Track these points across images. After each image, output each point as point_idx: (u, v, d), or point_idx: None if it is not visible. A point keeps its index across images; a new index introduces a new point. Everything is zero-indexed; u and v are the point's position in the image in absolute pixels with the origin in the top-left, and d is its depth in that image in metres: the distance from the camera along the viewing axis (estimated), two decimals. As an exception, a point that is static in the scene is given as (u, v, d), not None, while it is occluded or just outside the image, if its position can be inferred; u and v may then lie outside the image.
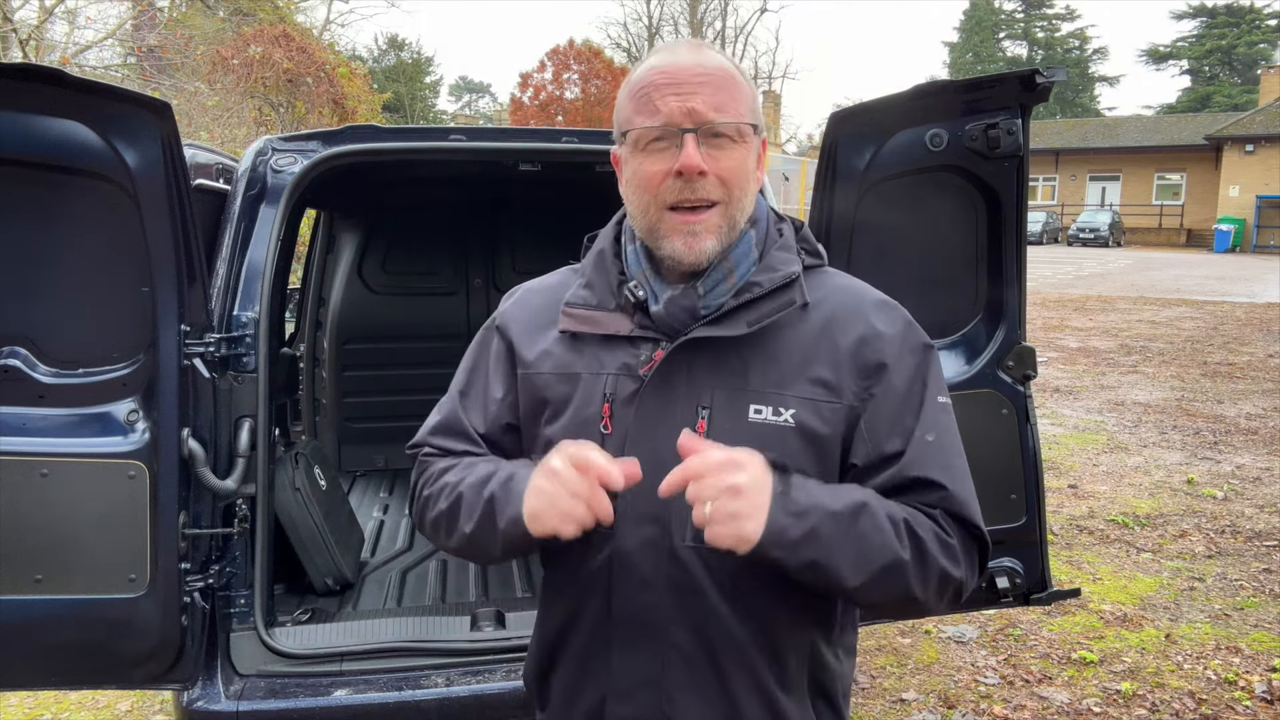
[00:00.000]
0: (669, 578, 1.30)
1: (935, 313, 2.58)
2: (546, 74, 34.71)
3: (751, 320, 1.31)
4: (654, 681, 1.33)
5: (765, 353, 1.32)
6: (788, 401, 1.30)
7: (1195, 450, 7.54)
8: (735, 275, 1.33)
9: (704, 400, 1.31)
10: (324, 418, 4.94)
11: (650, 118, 1.28)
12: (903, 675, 3.97)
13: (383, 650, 2.54)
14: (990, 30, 62.28)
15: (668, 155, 1.28)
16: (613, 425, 1.33)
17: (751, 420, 1.30)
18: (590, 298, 1.39)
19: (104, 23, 18.41)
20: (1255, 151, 36.16)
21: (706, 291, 1.32)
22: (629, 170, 1.34)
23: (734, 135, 1.29)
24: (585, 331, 1.37)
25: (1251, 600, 4.74)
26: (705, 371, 1.31)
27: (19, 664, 2.24)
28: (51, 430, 2.20)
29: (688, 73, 1.28)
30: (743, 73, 1.35)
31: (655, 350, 1.33)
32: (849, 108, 2.40)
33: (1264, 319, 15.39)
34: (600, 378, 1.35)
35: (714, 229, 1.29)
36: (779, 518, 1.18)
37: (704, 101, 1.27)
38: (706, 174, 1.27)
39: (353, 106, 14.39)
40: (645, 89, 1.30)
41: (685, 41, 1.38)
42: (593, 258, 1.44)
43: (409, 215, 4.84)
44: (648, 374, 1.32)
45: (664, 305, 1.33)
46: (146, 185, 2.10)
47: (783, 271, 1.34)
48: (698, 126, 1.26)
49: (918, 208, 2.49)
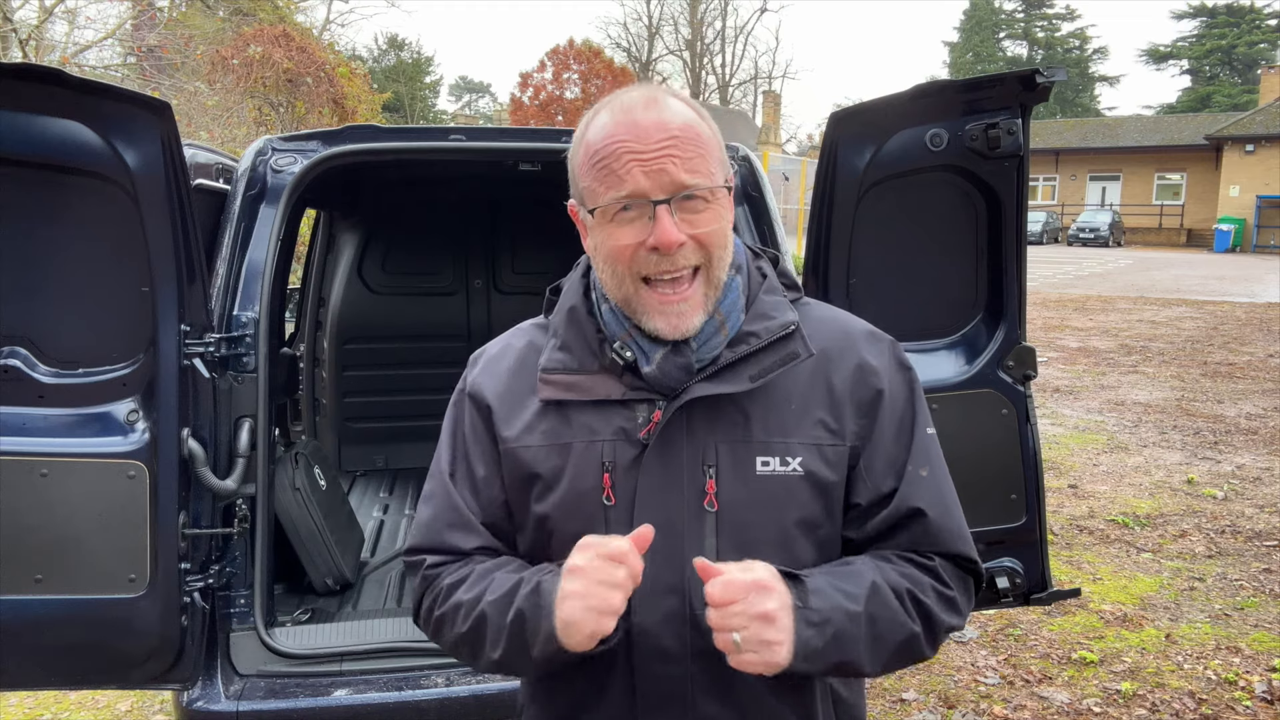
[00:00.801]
0: (694, 647, 1.24)
1: (935, 313, 2.58)
2: (546, 74, 34.70)
3: (754, 375, 1.25)
4: None
5: (764, 400, 1.27)
6: (793, 449, 1.25)
7: (1195, 450, 7.54)
8: (728, 326, 1.27)
9: (708, 459, 1.25)
10: (324, 418, 4.94)
11: (615, 188, 1.19)
12: (903, 675, 3.97)
13: (383, 650, 2.54)
14: (990, 30, 62.28)
15: (638, 226, 1.19)
16: (615, 495, 1.25)
17: (760, 474, 1.25)
18: (570, 361, 1.29)
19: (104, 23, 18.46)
20: (1255, 151, 36.17)
21: (699, 345, 1.25)
22: (595, 239, 1.24)
23: (708, 196, 1.20)
24: (571, 399, 1.28)
25: (1251, 600, 4.74)
26: (705, 427, 1.25)
27: (19, 664, 2.24)
28: (51, 430, 2.20)
29: (651, 138, 1.18)
30: (704, 116, 1.25)
31: (653, 411, 1.25)
32: (849, 108, 2.40)
33: (1264, 319, 15.39)
34: (595, 446, 1.26)
35: (698, 304, 1.22)
36: (803, 633, 1.14)
37: (673, 167, 1.17)
38: (685, 243, 1.19)
39: (353, 106, 14.38)
40: (605, 159, 1.20)
41: (641, 94, 1.24)
42: (564, 316, 1.33)
43: (409, 215, 4.84)
44: (648, 437, 1.24)
45: (657, 365, 1.24)
46: (146, 185, 2.10)
47: (779, 320, 1.29)
48: (670, 196, 1.18)
49: (918, 208, 2.49)
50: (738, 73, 51.08)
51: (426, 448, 5.01)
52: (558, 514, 1.27)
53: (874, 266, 2.46)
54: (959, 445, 2.59)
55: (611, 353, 1.27)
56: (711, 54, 48.76)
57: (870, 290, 2.48)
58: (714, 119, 1.29)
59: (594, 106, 1.28)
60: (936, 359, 2.57)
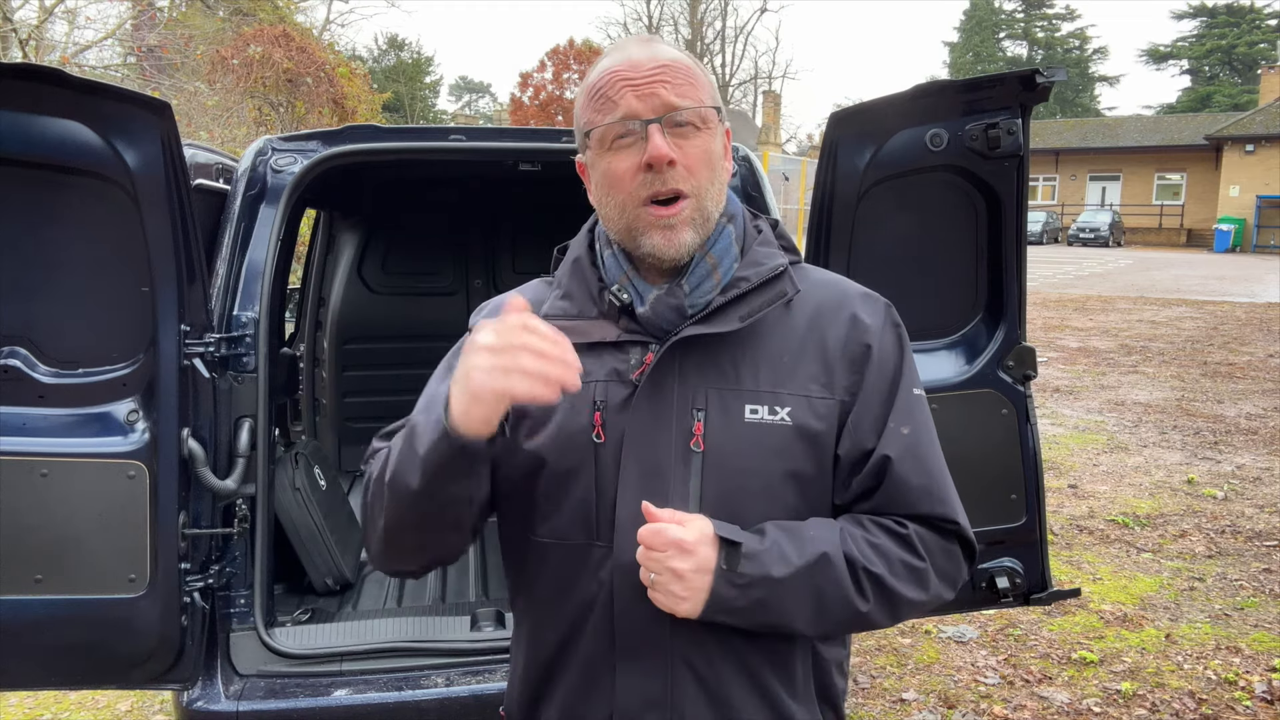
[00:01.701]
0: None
1: (935, 313, 2.58)
2: (546, 74, 34.72)
3: (743, 315, 1.28)
4: (662, 699, 1.28)
5: (756, 351, 1.30)
6: (783, 400, 1.28)
7: (1195, 450, 7.54)
8: (719, 271, 1.30)
9: (698, 402, 1.27)
10: (324, 418, 4.94)
11: (610, 113, 1.25)
12: (903, 675, 3.97)
13: (383, 650, 2.54)
14: (990, 30, 62.29)
15: (635, 150, 1.24)
16: (605, 434, 1.27)
17: (748, 420, 1.27)
18: (570, 308, 1.34)
19: (104, 23, 18.46)
20: (1255, 151, 36.17)
21: (692, 289, 1.29)
22: (597, 173, 1.30)
23: (698, 122, 1.26)
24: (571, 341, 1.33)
25: (1251, 600, 4.74)
26: (696, 373, 1.28)
27: (19, 664, 2.24)
28: (51, 430, 2.20)
29: (643, 67, 1.25)
30: (698, 63, 1.31)
31: (645, 354, 1.29)
32: (849, 108, 2.40)
33: (1264, 319, 15.39)
34: (588, 386, 1.27)
35: (688, 221, 1.26)
36: (722, 590, 1.20)
37: (664, 90, 1.24)
38: (675, 163, 1.23)
39: (353, 106, 14.38)
40: (601, 89, 1.27)
41: (635, 38, 1.34)
42: (568, 267, 1.39)
43: (409, 215, 4.84)
44: (640, 378, 1.27)
45: (650, 306, 1.29)
46: (146, 185, 2.10)
47: (769, 265, 1.33)
48: (660, 115, 1.23)
49: (918, 208, 2.49)
50: (738, 73, 51.08)
51: (426, 448, 4.87)
52: (549, 450, 1.28)
53: (874, 267, 2.46)
54: (959, 445, 2.59)
55: (610, 296, 1.31)
56: (711, 54, 48.76)
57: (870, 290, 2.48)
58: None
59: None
60: (936, 359, 2.57)
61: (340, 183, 3.58)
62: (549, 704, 1.36)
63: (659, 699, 1.28)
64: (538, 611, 1.37)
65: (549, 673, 1.36)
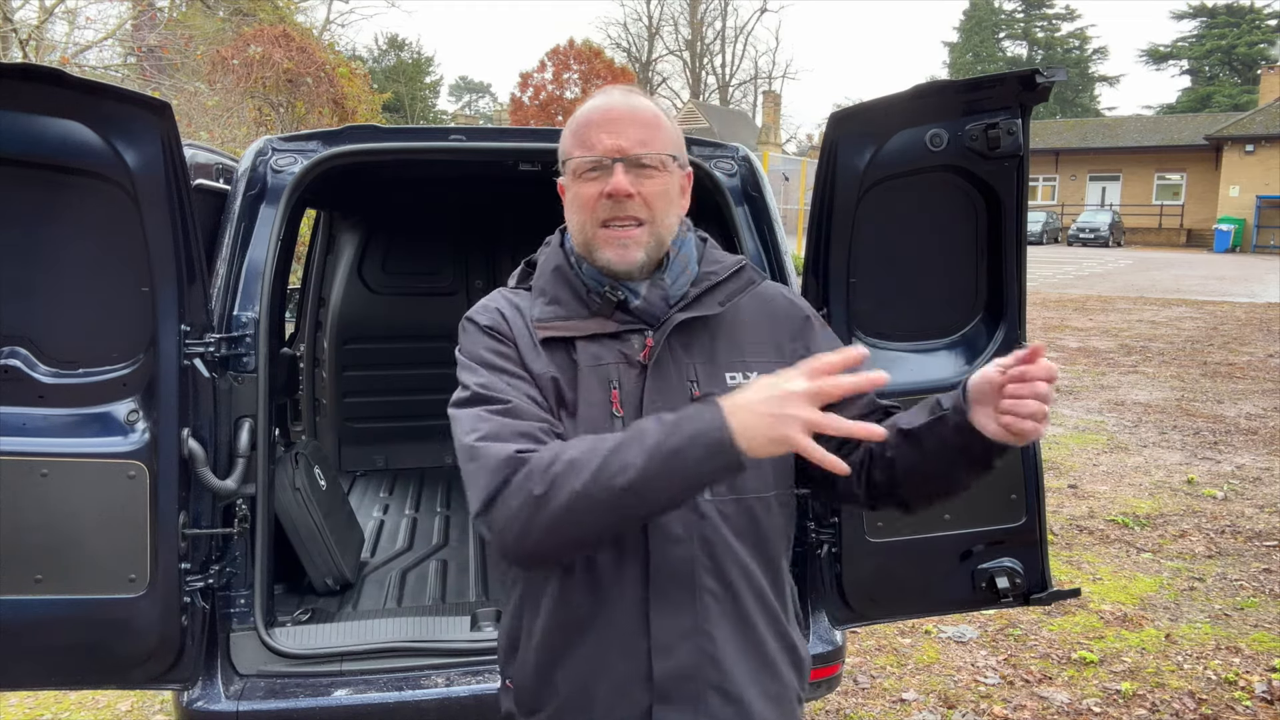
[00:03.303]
0: (697, 531, 1.48)
1: (935, 313, 2.58)
2: (546, 74, 34.72)
3: (721, 300, 1.57)
4: (695, 629, 1.47)
5: (726, 331, 1.58)
6: (751, 366, 1.56)
7: (1195, 450, 7.54)
8: (690, 268, 1.59)
9: (690, 375, 1.53)
10: (324, 418, 4.94)
11: (587, 151, 1.51)
12: (903, 675, 3.97)
13: (383, 650, 2.54)
14: (990, 30, 62.28)
15: (600, 181, 1.50)
16: (623, 408, 1.49)
17: (729, 385, 1.52)
18: (561, 311, 1.55)
19: (104, 23, 18.43)
20: (1255, 151, 36.17)
21: (673, 282, 1.56)
22: (570, 195, 1.55)
23: (657, 165, 1.51)
24: (570, 335, 1.53)
25: (1251, 600, 4.74)
26: (684, 351, 1.54)
27: (19, 664, 2.24)
28: (51, 430, 2.20)
29: (618, 113, 1.52)
30: (668, 115, 1.59)
31: (645, 339, 1.53)
32: (849, 108, 2.40)
33: (1264, 319, 15.39)
34: (602, 368, 1.51)
35: (641, 243, 1.51)
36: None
37: (630, 138, 1.50)
38: (633, 196, 1.49)
39: (353, 106, 14.37)
40: (584, 126, 1.53)
41: (620, 88, 1.61)
42: (550, 275, 1.59)
43: (409, 215, 4.84)
44: (648, 359, 1.51)
45: (644, 298, 1.54)
46: (146, 185, 2.10)
47: (728, 261, 1.63)
48: (624, 157, 1.49)
49: (918, 208, 2.48)
50: (738, 73, 51.11)
51: (426, 448, 5.00)
52: (579, 426, 1.47)
53: (874, 266, 2.46)
54: (959, 445, 2.60)
55: (603, 295, 1.54)
56: (711, 54, 48.78)
57: (870, 290, 2.48)
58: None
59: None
60: (936, 359, 2.57)
61: (340, 183, 3.58)
62: (573, 660, 1.50)
63: (691, 628, 1.47)
64: (563, 577, 1.50)
65: (576, 631, 1.49)
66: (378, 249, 4.86)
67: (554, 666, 1.51)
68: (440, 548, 3.84)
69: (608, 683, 1.47)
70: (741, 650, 1.51)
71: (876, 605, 2.62)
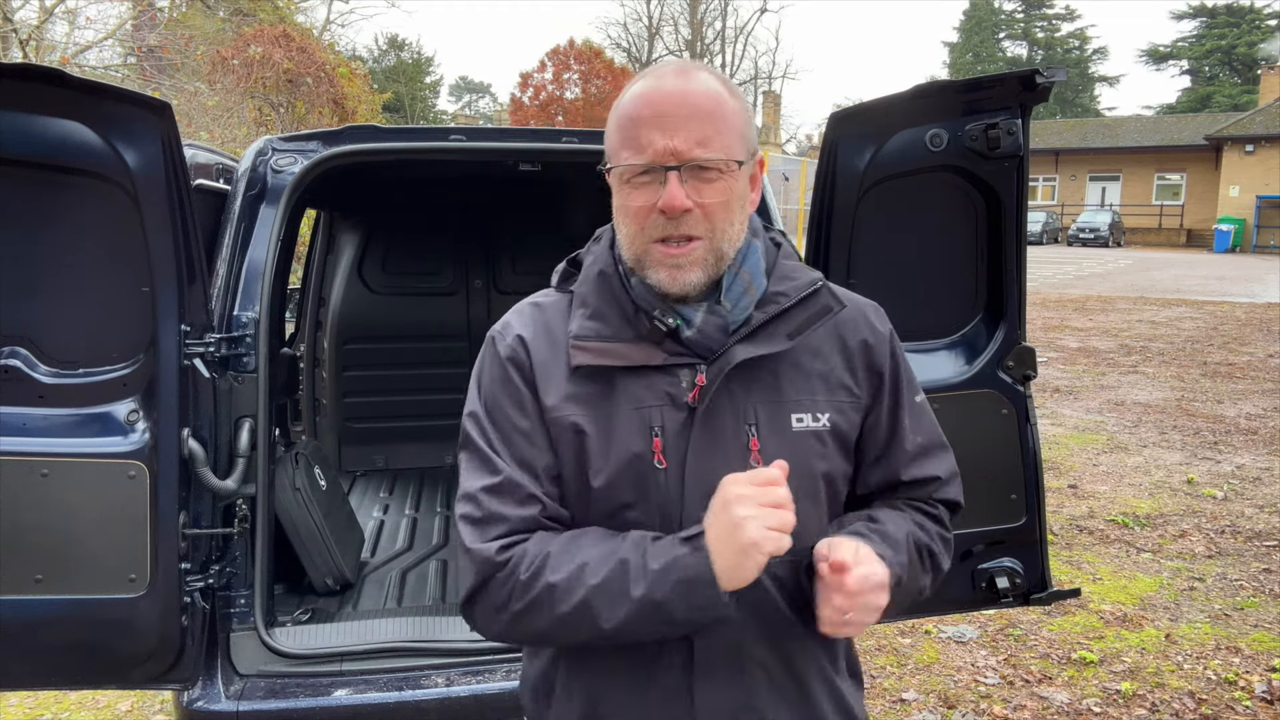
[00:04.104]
0: (746, 598, 1.27)
1: (935, 313, 2.58)
2: (546, 74, 34.72)
3: (790, 333, 1.33)
4: (744, 704, 1.33)
5: (793, 362, 1.35)
6: (821, 406, 1.35)
7: (1195, 450, 7.54)
8: (755, 287, 1.34)
9: (748, 417, 1.32)
10: (324, 418, 4.94)
11: (635, 154, 1.26)
12: (903, 675, 3.97)
13: (383, 650, 2.54)
14: (990, 30, 62.27)
15: (652, 189, 1.26)
16: (666, 459, 1.29)
17: (796, 430, 1.33)
18: (604, 329, 1.32)
19: (104, 23, 18.42)
20: (1255, 151, 36.17)
21: (733, 305, 1.32)
22: (617, 200, 1.31)
23: (720, 168, 1.26)
24: (610, 364, 1.31)
25: (1251, 600, 4.74)
26: (742, 389, 1.32)
27: (19, 664, 2.24)
28: (51, 430, 2.20)
29: (673, 104, 1.25)
30: (734, 91, 1.31)
31: (695, 375, 1.30)
32: (849, 108, 2.40)
33: (1264, 319, 15.39)
34: (643, 411, 1.30)
35: (699, 261, 1.27)
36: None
37: (687, 138, 1.24)
38: (691, 210, 1.25)
39: (353, 106, 14.37)
40: (632, 120, 1.27)
41: (673, 65, 1.33)
42: (594, 283, 1.36)
43: (409, 215, 4.84)
44: (697, 401, 1.29)
45: (698, 328, 1.30)
46: (146, 185, 2.10)
47: (803, 279, 1.37)
48: (681, 164, 1.24)
49: (918, 208, 2.48)
50: (738, 73, 51.07)
51: (426, 448, 5.00)
52: (609, 481, 1.30)
53: (874, 266, 2.46)
54: (959, 445, 2.58)
55: (654, 320, 1.30)
56: (711, 54, 48.76)
57: (870, 290, 2.46)
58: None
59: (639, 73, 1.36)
60: (936, 359, 2.57)
61: (340, 183, 3.58)
62: None
63: (739, 704, 1.33)
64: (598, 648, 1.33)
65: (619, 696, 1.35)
66: (378, 249, 4.86)
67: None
68: (440, 548, 3.84)
69: None
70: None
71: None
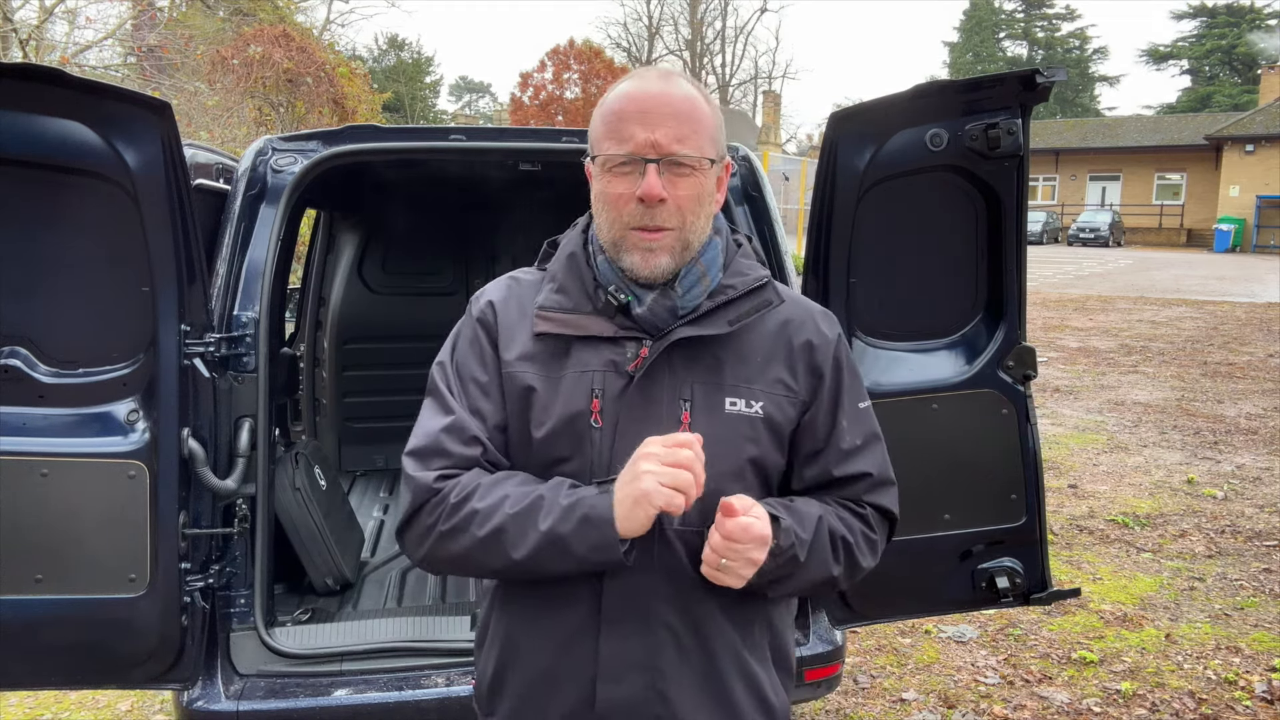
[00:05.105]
0: (660, 561, 1.40)
1: (935, 313, 2.58)
2: (546, 74, 34.68)
3: (731, 320, 1.45)
4: (646, 662, 1.41)
5: (736, 351, 1.46)
6: (757, 395, 1.45)
7: (1195, 450, 7.54)
8: (709, 278, 1.46)
9: (684, 394, 1.43)
10: (324, 418, 4.94)
11: (618, 145, 1.39)
12: (903, 675, 3.97)
13: (383, 650, 2.54)
14: (990, 30, 62.25)
15: (631, 179, 1.38)
16: (602, 419, 1.41)
17: (728, 412, 1.43)
18: (565, 301, 1.47)
19: (104, 23, 18.40)
20: (1255, 151, 36.16)
21: (684, 292, 1.44)
22: (597, 187, 1.44)
23: (693, 165, 1.39)
24: (566, 333, 1.45)
25: (1251, 600, 4.74)
26: (684, 367, 1.43)
27: (19, 664, 2.24)
28: (51, 430, 2.21)
29: (655, 102, 1.39)
30: (709, 99, 1.45)
31: (640, 348, 1.43)
32: (849, 108, 2.40)
33: (1264, 319, 15.39)
34: (586, 375, 1.43)
35: (668, 248, 1.40)
36: (766, 563, 1.36)
37: (666, 134, 1.37)
38: (666, 200, 1.37)
39: (353, 106, 14.37)
40: (616, 115, 1.40)
41: (656, 70, 1.48)
42: (563, 261, 1.51)
43: (409, 215, 4.84)
44: (637, 370, 1.41)
45: (649, 306, 1.43)
46: (146, 185, 2.11)
47: (753, 275, 1.49)
48: (660, 157, 1.37)
49: (918, 208, 2.48)
50: (738, 73, 51.08)
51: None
52: (549, 434, 1.42)
53: (874, 266, 2.46)
54: (959, 445, 2.59)
55: (607, 296, 1.44)
56: (711, 54, 48.78)
57: (870, 290, 2.48)
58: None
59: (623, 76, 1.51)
60: (936, 359, 2.57)
61: (340, 183, 3.59)
62: (523, 671, 1.46)
63: (641, 660, 1.41)
64: (510, 588, 1.47)
65: (528, 641, 1.46)
66: (378, 249, 4.86)
67: (506, 672, 1.48)
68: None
69: (556, 702, 1.43)
70: (699, 692, 1.42)
71: (876, 605, 2.62)
